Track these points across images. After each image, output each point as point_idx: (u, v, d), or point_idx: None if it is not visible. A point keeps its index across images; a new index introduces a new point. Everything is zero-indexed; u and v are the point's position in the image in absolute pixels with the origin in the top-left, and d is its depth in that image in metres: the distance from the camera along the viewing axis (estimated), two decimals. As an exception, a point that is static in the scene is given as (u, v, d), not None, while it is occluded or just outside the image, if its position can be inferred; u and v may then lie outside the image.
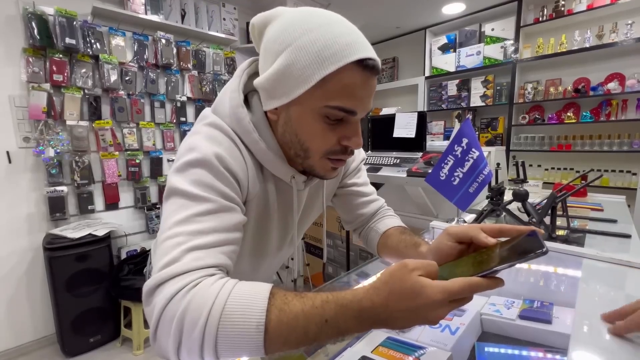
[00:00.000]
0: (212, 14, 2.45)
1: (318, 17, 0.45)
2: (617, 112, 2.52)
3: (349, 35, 0.44)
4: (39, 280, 1.89)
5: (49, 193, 1.85)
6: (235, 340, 0.34)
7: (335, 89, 0.44)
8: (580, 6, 2.60)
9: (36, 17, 1.72)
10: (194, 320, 0.34)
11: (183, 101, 2.34)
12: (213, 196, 0.44)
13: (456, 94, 3.38)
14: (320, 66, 0.42)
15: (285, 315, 0.35)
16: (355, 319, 0.35)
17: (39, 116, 1.77)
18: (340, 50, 0.42)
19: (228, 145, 0.48)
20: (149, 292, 0.37)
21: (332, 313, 0.35)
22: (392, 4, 2.97)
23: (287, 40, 0.44)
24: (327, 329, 0.35)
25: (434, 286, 0.34)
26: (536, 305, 0.68)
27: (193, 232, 0.40)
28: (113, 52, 2.01)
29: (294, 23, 0.45)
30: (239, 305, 0.35)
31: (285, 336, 0.35)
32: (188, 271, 0.37)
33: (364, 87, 0.45)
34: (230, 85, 0.53)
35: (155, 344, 0.36)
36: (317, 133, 0.47)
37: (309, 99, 0.45)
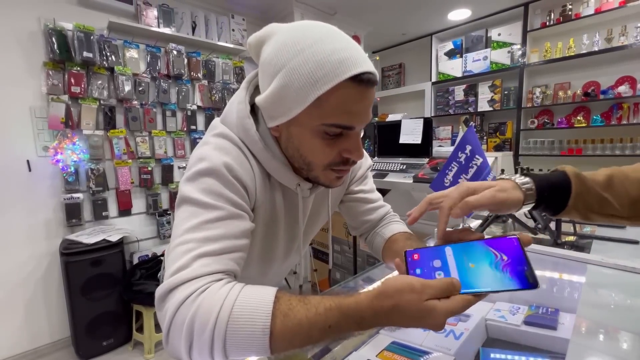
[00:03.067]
0: (221, 25, 2.52)
1: (310, 34, 0.45)
2: (629, 116, 2.48)
3: (341, 51, 0.44)
4: (56, 284, 1.96)
5: (65, 200, 1.92)
6: (242, 341, 0.36)
7: (331, 106, 0.45)
8: (588, 10, 2.58)
9: (56, 32, 1.81)
10: (204, 323, 0.36)
11: (193, 110, 2.41)
12: (222, 204, 0.46)
13: (463, 98, 3.38)
14: (314, 87, 0.43)
15: (289, 320, 0.36)
16: (357, 324, 0.37)
17: (57, 126, 1.85)
18: (333, 69, 0.43)
19: (236, 154, 0.50)
20: (161, 297, 0.39)
21: (335, 320, 0.37)
22: (398, 11, 3.01)
23: (280, 62, 0.45)
24: (330, 333, 0.37)
25: (440, 310, 0.35)
26: (541, 312, 0.69)
27: (202, 239, 0.42)
28: (127, 64, 2.09)
29: (286, 44, 0.45)
30: (245, 308, 0.37)
31: (289, 339, 0.37)
32: (197, 277, 0.39)
33: (360, 101, 0.46)
34: (237, 97, 0.55)
35: (167, 347, 0.38)
36: (317, 149, 0.49)
37: (306, 118, 0.46)
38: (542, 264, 0.76)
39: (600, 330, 0.46)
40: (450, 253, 0.41)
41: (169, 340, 0.38)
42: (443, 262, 0.40)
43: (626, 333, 0.45)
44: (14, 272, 1.84)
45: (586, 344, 0.43)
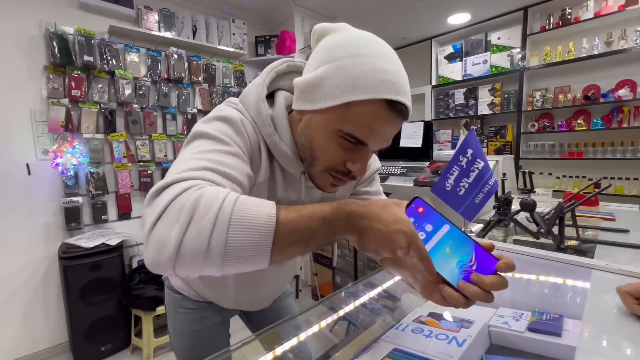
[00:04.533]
0: (222, 29, 2.53)
1: (373, 46, 0.46)
2: (630, 119, 2.48)
3: (391, 74, 0.44)
4: (54, 288, 1.94)
5: (65, 203, 1.91)
6: (247, 225, 0.35)
7: (356, 117, 0.45)
8: (587, 14, 2.59)
9: (57, 36, 1.82)
10: (208, 206, 0.34)
11: (194, 113, 2.41)
12: (235, 144, 0.47)
13: (463, 102, 3.38)
14: (351, 91, 0.44)
15: (291, 212, 0.38)
16: (345, 220, 0.40)
17: (57, 130, 1.85)
18: (375, 84, 0.43)
19: (249, 127, 0.52)
20: (156, 191, 0.37)
21: (328, 212, 0.39)
22: (397, 15, 3.02)
23: (333, 55, 0.46)
24: (325, 227, 0.39)
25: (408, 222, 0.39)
26: (545, 318, 0.67)
27: (213, 160, 0.42)
28: (128, 67, 2.09)
29: (347, 43, 0.46)
30: (250, 200, 0.37)
31: (292, 230, 0.37)
32: (201, 179, 0.39)
33: (386, 125, 0.46)
34: (257, 80, 0.56)
35: (150, 235, 0.35)
36: (327, 148, 0.49)
37: (330, 116, 0.47)
38: (545, 269, 0.75)
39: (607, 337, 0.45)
40: (444, 230, 0.43)
41: (156, 227, 0.34)
42: (432, 231, 0.42)
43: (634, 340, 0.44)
44: (12, 276, 1.83)
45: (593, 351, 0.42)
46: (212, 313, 0.80)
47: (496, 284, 0.38)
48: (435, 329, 0.66)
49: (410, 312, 0.74)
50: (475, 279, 0.39)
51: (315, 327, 0.68)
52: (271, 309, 0.90)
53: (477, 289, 0.38)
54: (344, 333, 0.73)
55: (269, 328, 0.65)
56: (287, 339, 0.63)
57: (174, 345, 0.83)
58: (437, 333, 0.65)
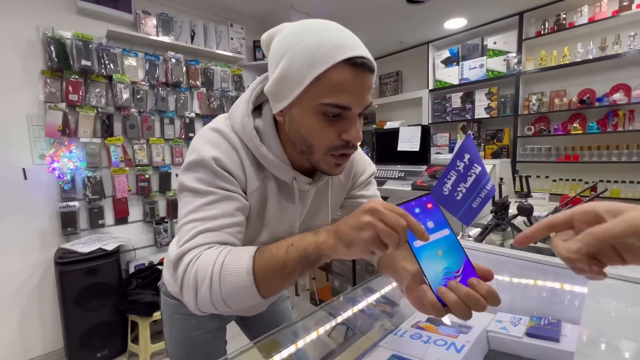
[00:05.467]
0: (220, 34, 2.54)
1: (312, 26, 0.50)
2: (625, 123, 2.50)
3: (338, 38, 0.48)
4: (50, 294, 1.92)
5: (61, 208, 1.90)
6: (233, 284, 0.45)
7: (327, 86, 0.48)
8: (581, 19, 2.63)
9: (55, 41, 1.82)
10: (203, 276, 0.46)
11: (192, 117, 2.41)
12: (214, 189, 0.53)
13: (460, 106, 3.40)
14: (312, 67, 0.47)
15: (264, 254, 0.47)
16: (312, 234, 0.45)
17: (54, 134, 1.84)
18: (329, 52, 0.46)
19: (225, 147, 0.55)
20: (174, 264, 0.50)
21: (296, 238, 0.46)
22: (395, 19, 3.05)
23: (285, 48, 0.49)
24: (293, 251, 0.45)
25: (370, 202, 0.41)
26: (543, 323, 0.67)
27: (202, 218, 0.51)
28: (126, 71, 2.09)
29: (290, 34, 0.50)
30: (232, 260, 0.47)
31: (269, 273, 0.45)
32: (197, 246, 0.49)
33: (356, 83, 0.48)
34: (244, 96, 0.60)
35: (183, 299, 0.49)
36: (316, 129, 0.51)
37: (306, 99, 0.49)
38: (543, 274, 0.76)
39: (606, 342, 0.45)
40: (443, 233, 0.44)
41: (183, 295, 0.49)
42: (432, 229, 0.43)
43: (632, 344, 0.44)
44: (7, 281, 1.81)
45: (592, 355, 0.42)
46: (208, 319, 0.80)
47: (471, 296, 0.38)
48: (434, 335, 0.66)
49: (409, 318, 0.74)
50: (453, 286, 0.39)
51: (314, 334, 0.68)
52: (267, 313, 0.90)
53: (456, 299, 0.38)
54: (342, 338, 0.73)
55: (266, 336, 0.65)
56: (285, 346, 0.62)
57: (170, 352, 0.83)
58: (435, 339, 0.64)
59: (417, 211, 0.43)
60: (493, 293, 0.39)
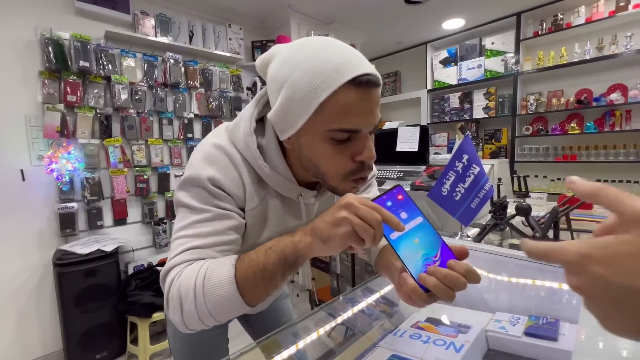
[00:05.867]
0: (218, 35, 2.54)
1: (307, 47, 0.47)
2: (622, 123, 2.52)
3: (337, 57, 0.45)
4: (49, 296, 1.92)
5: (60, 209, 1.90)
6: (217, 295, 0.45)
7: (334, 112, 0.46)
8: (579, 19, 2.64)
9: (53, 42, 1.81)
10: (186, 291, 0.46)
11: (190, 118, 2.41)
12: (209, 207, 0.52)
13: (459, 106, 3.41)
14: (315, 94, 0.45)
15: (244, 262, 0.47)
16: (289, 235, 0.45)
17: (52, 135, 1.84)
18: (330, 75, 0.44)
19: (224, 164, 0.54)
20: (162, 279, 0.51)
21: (273, 242, 0.46)
22: (393, 20, 3.06)
23: (282, 77, 0.48)
24: (272, 254, 0.45)
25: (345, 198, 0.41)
26: (542, 322, 0.68)
27: (192, 235, 0.51)
28: (124, 72, 2.09)
29: (286, 60, 0.48)
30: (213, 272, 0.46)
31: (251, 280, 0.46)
32: (183, 262, 0.49)
33: (362, 103, 0.46)
34: (246, 113, 0.57)
35: (168, 314, 0.49)
36: (327, 155, 0.49)
37: (313, 126, 0.48)
38: (541, 273, 0.76)
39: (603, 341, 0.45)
40: (417, 221, 0.44)
41: (169, 309, 0.48)
42: (406, 219, 0.44)
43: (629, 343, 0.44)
44: (6, 283, 1.80)
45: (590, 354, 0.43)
46: None
47: (451, 277, 0.39)
48: (433, 335, 0.66)
49: (408, 318, 0.74)
50: (432, 270, 0.40)
51: (314, 334, 0.68)
52: (269, 310, 0.91)
53: (436, 282, 0.39)
54: (342, 339, 0.73)
55: (267, 337, 0.65)
56: (285, 347, 0.62)
57: (173, 350, 0.83)
58: (434, 339, 0.65)
59: (390, 204, 0.44)
60: (471, 271, 0.39)
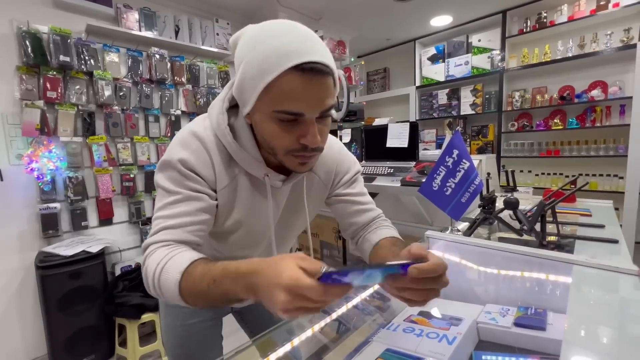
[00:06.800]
0: (205, 30, 2.49)
1: (266, 32, 0.49)
2: (602, 118, 2.60)
3: (289, 44, 0.47)
4: (31, 299, 1.85)
5: (41, 210, 1.83)
6: (166, 286, 0.51)
7: (278, 94, 0.48)
8: (561, 17, 2.71)
9: (30, 35, 1.73)
10: (151, 275, 0.52)
11: (177, 115, 2.35)
12: (180, 189, 0.57)
13: (446, 102, 3.46)
14: (262, 76, 0.48)
15: (191, 277, 0.49)
16: (232, 280, 0.45)
17: (32, 133, 1.77)
18: (276, 60, 0.46)
19: (195, 147, 0.58)
20: (143, 250, 0.56)
21: (218, 275, 0.47)
22: (382, 16, 3.06)
23: (240, 56, 0.51)
24: (215, 288, 0.46)
25: (292, 271, 0.37)
26: (530, 313, 0.70)
27: (166, 216, 0.56)
28: (107, 68, 2.02)
29: (247, 40, 0.51)
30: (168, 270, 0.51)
31: (190, 291, 0.49)
32: (157, 242, 0.55)
33: (306, 89, 0.48)
34: (221, 94, 0.62)
35: (145, 282, 0.55)
36: (275, 134, 0.53)
37: (261, 106, 0.51)
38: (529, 265, 0.78)
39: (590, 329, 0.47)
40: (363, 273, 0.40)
41: (144, 277, 0.54)
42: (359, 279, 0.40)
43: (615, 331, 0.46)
44: (-16, 288, 1.73)
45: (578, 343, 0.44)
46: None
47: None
48: (426, 328, 0.67)
49: (401, 312, 0.75)
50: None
51: (307, 330, 0.68)
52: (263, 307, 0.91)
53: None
54: (335, 334, 0.74)
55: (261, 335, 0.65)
56: (279, 344, 0.62)
57: (165, 341, 0.85)
58: (427, 332, 0.66)
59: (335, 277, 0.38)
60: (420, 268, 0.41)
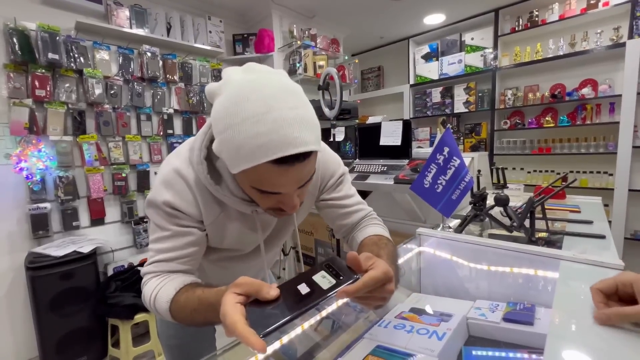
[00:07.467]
0: (198, 27, 2.47)
1: (242, 108, 0.45)
2: (592, 116, 2.64)
3: (262, 136, 0.44)
4: (21, 301, 1.83)
5: (31, 210, 1.80)
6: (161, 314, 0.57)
7: (255, 178, 0.49)
8: (553, 16, 2.73)
9: (18, 32, 1.70)
10: (147, 299, 0.59)
11: (170, 113, 2.33)
12: (169, 226, 0.61)
13: (440, 100, 3.48)
14: (237, 163, 0.47)
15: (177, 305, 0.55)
16: (206, 310, 0.49)
17: (20, 132, 1.74)
18: (252, 152, 0.45)
19: (180, 188, 0.60)
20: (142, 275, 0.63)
21: (196, 305, 0.51)
22: (375, 14, 3.06)
23: (217, 129, 0.48)
24: (196, 315, 0.51)
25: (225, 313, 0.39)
26: (519, 308, 0.71)
27: (158, 249, 0.61)
28: (97, 66, 1.99)
29: (223, 113, 0.47)
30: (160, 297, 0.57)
31: (179, 315, 0.55)
32: (150, 272, 0.61)
33: (282, 177, 0.48)
34: (197, 140, 0.59)
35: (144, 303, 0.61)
36: (255, 197, 0.55)
37: (240, 177, 0.53)
38: (518, 261, 0.79)
39: (576, 323, 0.47)
40: None
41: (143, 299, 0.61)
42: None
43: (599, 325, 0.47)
44: (-27, 290, 1.70)
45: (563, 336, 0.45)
46: None
47: None
48: (417, 324, 0.68)
49: (393, 309, 0.75)
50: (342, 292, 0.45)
51: (300, 328, 0.68)
52: None
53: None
54: (328, 332, 0.74)
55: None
56: (271, 341, 0.62)
57: (160, 332, 0.88)
58: (418, 328, 0.66)
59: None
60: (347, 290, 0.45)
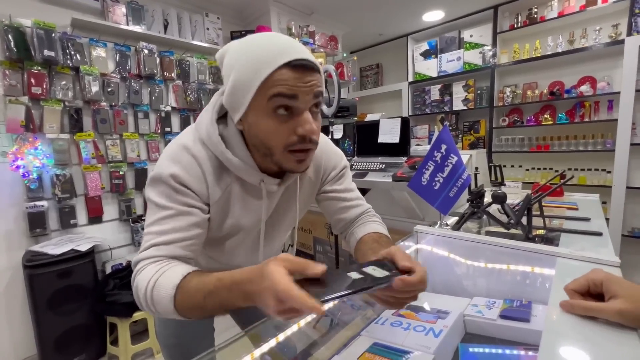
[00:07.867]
0: (195, 24, 2.45)
1: (255, 40, 0.54)
2: (590, 113, 2.64)
3: (276, 45, 0.52)
4: (19, 299, 1.82)
5: (28, 209, 1.79)
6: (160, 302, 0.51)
7: (273, 85, 0.51)
8: (552, 13, 2.73)
9: (13, 29, 1.69)
10: (142, 288, 0.52)
11: (167, 111, 2.32)
12: (172, 204, 0.57)
13: (439, 98, 3.47)
14: (258, 74, 0.51)
15: (185, 291, 0.50)
16: (228, 290, 0.46)
17: (16, 130, 1.72)
18: (270, 59, 0.51)
19: (187, 162, 0.58)
20: (133, 266, 0.56)
21: (212, 287, 0.47)
22: (374, 11, 3.05)
23: (231, 64, 0.54)
24: (210, 300, 0.47)
25: (278, 281, 0.38)
26: (516, 305, 0.71)
27: (157, 232, 0.56)
28: (94, 63, 1.98)
29: (237, 49, 0.55)
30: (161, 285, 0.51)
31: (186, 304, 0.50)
32: (147, 258, 0.54)
33: (298, 80, 0.52)
34: (207, 107, 0.63)
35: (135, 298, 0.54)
36: (271, 129, 0.54)
37: (256, 102, 0.53)
38: (515, 258, 0.79)
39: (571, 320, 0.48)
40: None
41: (135, 294, 0.54)
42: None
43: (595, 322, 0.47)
44: (-30, 288, 1.70)
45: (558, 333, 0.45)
46: None
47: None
48: (413, 321, 0.68)
49: (390, 306, 0.75)
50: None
51: (298, 325, 0.68)
52: None
53: None
54: (326, 329, 0.74)
55: (252, 327, 0.65)
56: (270, 338, 0.62)
57: (158, 332, 0.87)
58: (415, 325, 0.66)
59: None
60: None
